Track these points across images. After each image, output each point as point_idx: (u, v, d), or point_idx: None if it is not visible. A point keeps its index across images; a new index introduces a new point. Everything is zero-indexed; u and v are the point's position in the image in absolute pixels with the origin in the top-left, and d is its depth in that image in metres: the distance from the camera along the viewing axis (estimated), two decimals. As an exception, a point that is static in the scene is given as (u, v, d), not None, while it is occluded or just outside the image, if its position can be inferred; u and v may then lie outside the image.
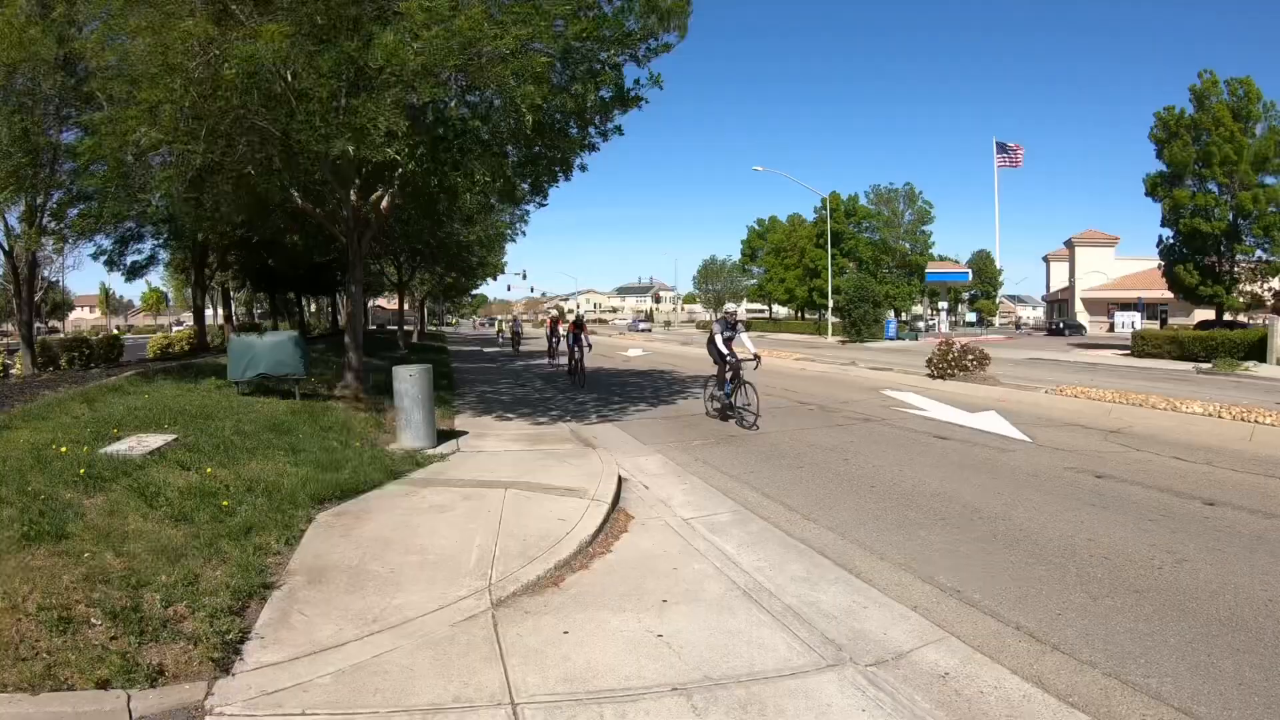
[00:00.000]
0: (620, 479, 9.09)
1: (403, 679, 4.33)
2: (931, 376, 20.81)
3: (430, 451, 10.51)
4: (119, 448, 8.39)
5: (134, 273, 27.94)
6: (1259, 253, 35.13)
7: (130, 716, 3.88)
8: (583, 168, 16.00)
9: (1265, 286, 35.38)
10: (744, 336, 14.52)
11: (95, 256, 26.03)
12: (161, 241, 27.90)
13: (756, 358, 14.33)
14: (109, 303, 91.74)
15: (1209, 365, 26.99)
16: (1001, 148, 76.98)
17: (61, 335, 41.00)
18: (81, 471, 7.13)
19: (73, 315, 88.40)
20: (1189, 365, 28.18)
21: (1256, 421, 12.56)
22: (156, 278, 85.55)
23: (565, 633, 4.98)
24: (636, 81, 13.95)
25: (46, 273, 26.48)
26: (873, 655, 4.76)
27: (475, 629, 4.99)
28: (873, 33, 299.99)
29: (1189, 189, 35.60)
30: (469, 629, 4.99)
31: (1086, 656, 4.79)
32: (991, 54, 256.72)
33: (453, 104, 13.04)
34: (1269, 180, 34.16)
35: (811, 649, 4.81)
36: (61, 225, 19.40)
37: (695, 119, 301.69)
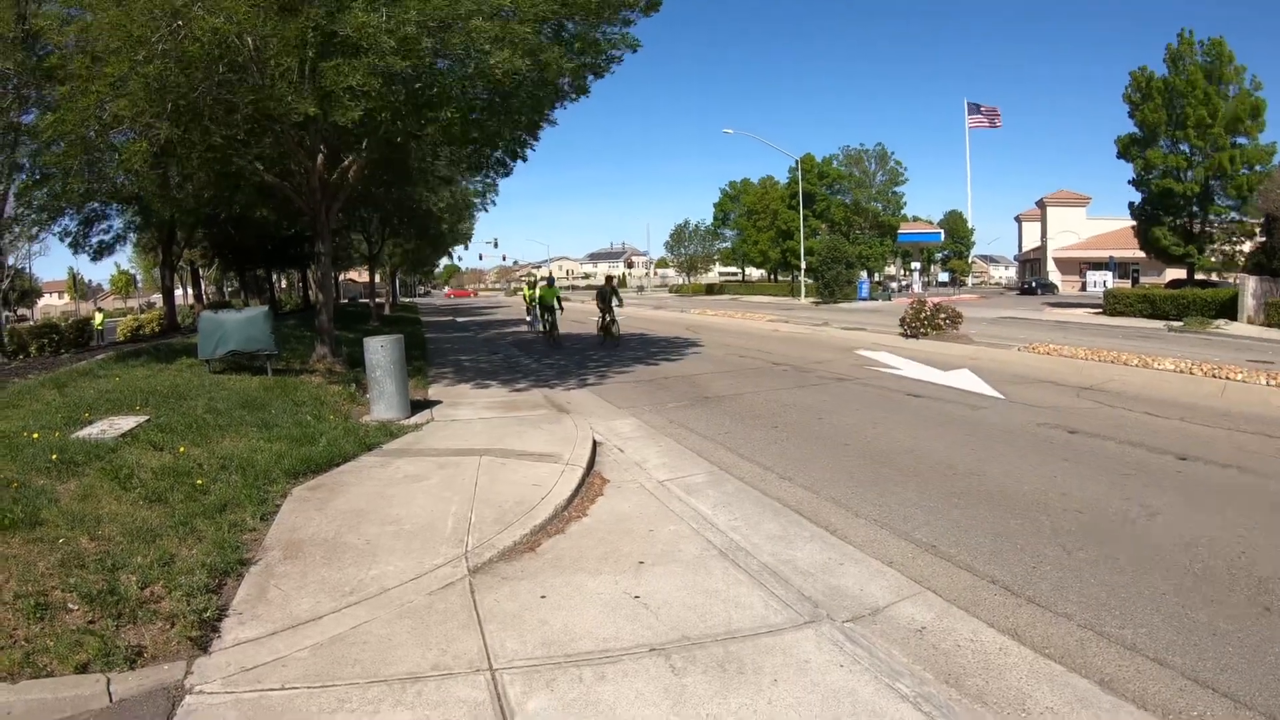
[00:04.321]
0: (595, 443, 9.08)
1: (381, 649, 4.32)
2: (905, 336, 20.97)
3: (404, 422, 10.45)
4: (91, 431, 8.32)
5: (100, 253, 27.54)
6: (1232, 214, 35.31)
7: (110, 699, 3.84)
8: (552, 122, 16.17)
9: (1237, 247, 35.59)
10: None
11: (60, 238, 25.66)
12: (128, 220, 27.46)
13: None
14: (77, 287, 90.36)
15: (1180, 323, 27.21)
16: (974, 109, 77.14)
17: (31, 323, 40.46)
18: (54, 457, 7.06)
19: (42, 302, 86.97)
20: (1160, 323, 28.42)
21: (1228, 378, 12.72)
22: (124, 259, 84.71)
23: (543, 597, 4.98)
24: (610, 43, 13.84)
25: (11, 260, 26.04)
26: (849, 611, 4.79)
27: (452, 597, 4.98)
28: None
29: (1162, 150, 35.68)
30: (446, 597, 4.98)
31: (1061, 609, 4.84)
32: (965, 14, 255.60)
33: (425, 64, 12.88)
34: (1242, 141, 34.34)
35: (788, 606, 4.83)
36: (28, 210, 19.08)
37: (667, 82, 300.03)
